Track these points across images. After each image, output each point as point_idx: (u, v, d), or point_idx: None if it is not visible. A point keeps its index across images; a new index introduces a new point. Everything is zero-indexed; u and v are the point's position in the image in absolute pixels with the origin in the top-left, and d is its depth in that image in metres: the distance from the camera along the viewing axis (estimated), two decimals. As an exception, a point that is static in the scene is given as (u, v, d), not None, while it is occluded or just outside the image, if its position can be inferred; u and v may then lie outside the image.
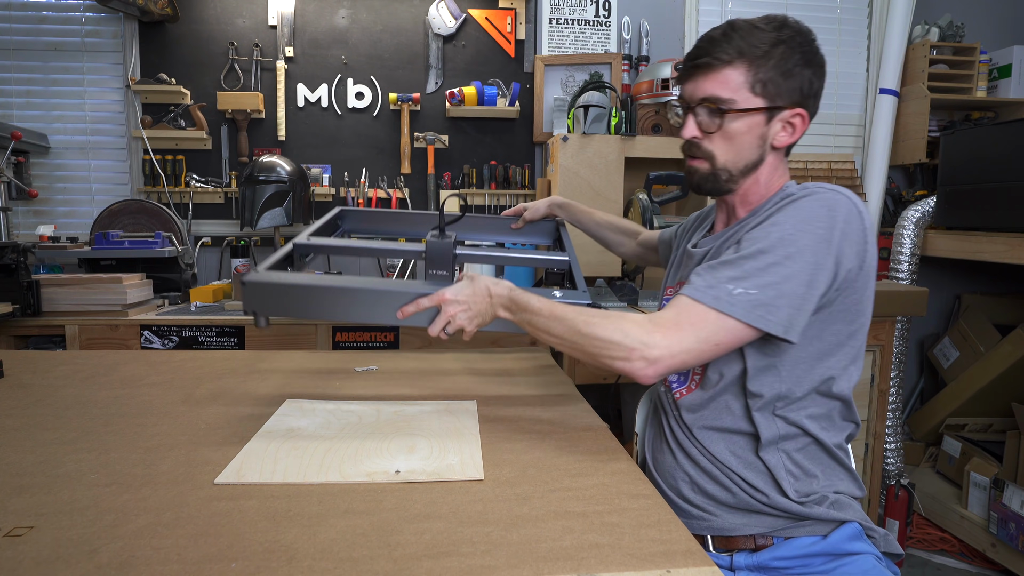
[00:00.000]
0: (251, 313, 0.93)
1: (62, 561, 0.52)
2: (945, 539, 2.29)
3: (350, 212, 1.51)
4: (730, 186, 0.93)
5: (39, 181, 2.48)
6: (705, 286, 0.81)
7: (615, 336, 0.80)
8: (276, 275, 0.95)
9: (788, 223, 0.81)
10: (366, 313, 0.93)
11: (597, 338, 0.81)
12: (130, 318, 1.94)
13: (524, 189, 2.62)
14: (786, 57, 0.85)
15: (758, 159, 0.90)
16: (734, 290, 0.79)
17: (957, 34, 2.68)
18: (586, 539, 0.58)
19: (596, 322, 0.82)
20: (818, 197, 0.83)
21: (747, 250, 0.82)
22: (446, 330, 0.94)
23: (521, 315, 0.91)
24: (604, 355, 0.81)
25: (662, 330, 0.79)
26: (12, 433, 0.85)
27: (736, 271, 0.80)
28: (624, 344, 0.79)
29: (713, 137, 0.90)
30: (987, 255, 2.23)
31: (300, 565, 0.53)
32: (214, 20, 2.48)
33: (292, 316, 0.94)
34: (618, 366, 0.80)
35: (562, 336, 0.85)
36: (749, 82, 0.86)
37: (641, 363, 0.78)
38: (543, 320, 0.87)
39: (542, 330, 0.88)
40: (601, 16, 2.63)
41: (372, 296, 0.93)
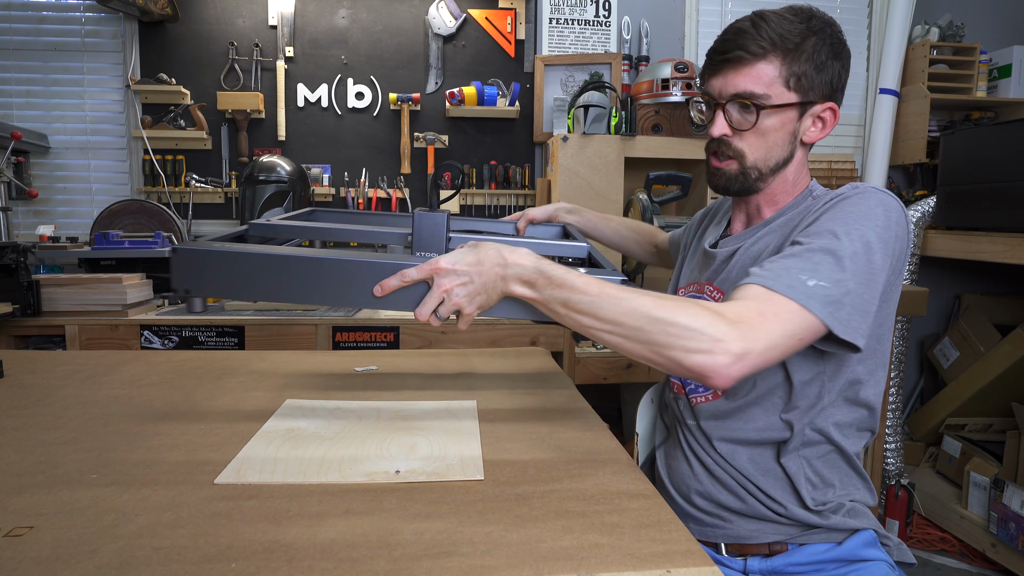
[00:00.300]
0: (181, 292, 0.76)
1: (62, 561, 0.52)
2: (945, 539, 2.29)
3: (323, 212, 1.35)
4: (759, 185, 0.88)
5: (39, 181, 2.48)
6: (777, 274, 0.71)
7: (696, 322, 0.66)
8: (215, 244, 0.78)
9: (849, 222, 0.75)
10: (334, 291, 0.75)
11: (672, 323, 0.66)
12: (130, 318, 1.94)
13: (524, 189, 2.62)
14: (818, 49, 0.82)
15: (788, 156, 0.87)
16: (808, 280, 0.70)
17: (957, 34, 2.68)
18: (586, 539, 0.58)
19: (667, 304, 0.68)
20: (873, 197, 0.78)
21: (811, 244, 0.74)
22: (438, 312, 0.75)
23: (552, 292, 0.72)
24: (678, 346, 0.66)
25: (746, 321, 0.67)
26: (12, 433, 0.85)
27: (805, 263, 0.72)
28: (707, 333, 0.65)
29: (745, 135, 0.85)
30: (987, 255, 2.23)
31: (300, 565, 0.53)
32: (214, 20, 2.48)
33: (237, 296, 0.77)
34: (693, 361, 0.66)
35: (617, 320, 0.69)
36: (784, 76, 0.82)
37: (725, 358, 0.65)
38: (588, 300, 0.70)
39: (586, 312, 0.70)
40: (601, 16, 2.63)
41: (341, 269, 0.74)
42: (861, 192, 0.79)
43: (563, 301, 0.71)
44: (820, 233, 0.75)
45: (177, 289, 0.75)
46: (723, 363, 0.65)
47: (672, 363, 0.68)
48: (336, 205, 2.58)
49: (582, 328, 0.72)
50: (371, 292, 0.74)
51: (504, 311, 0.77)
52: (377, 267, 0.74)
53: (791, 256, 0.74)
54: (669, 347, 0.67)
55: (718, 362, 0.65)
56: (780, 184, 0.89)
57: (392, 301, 0.75)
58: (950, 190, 2.39)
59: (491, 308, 0.77)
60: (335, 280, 0.75)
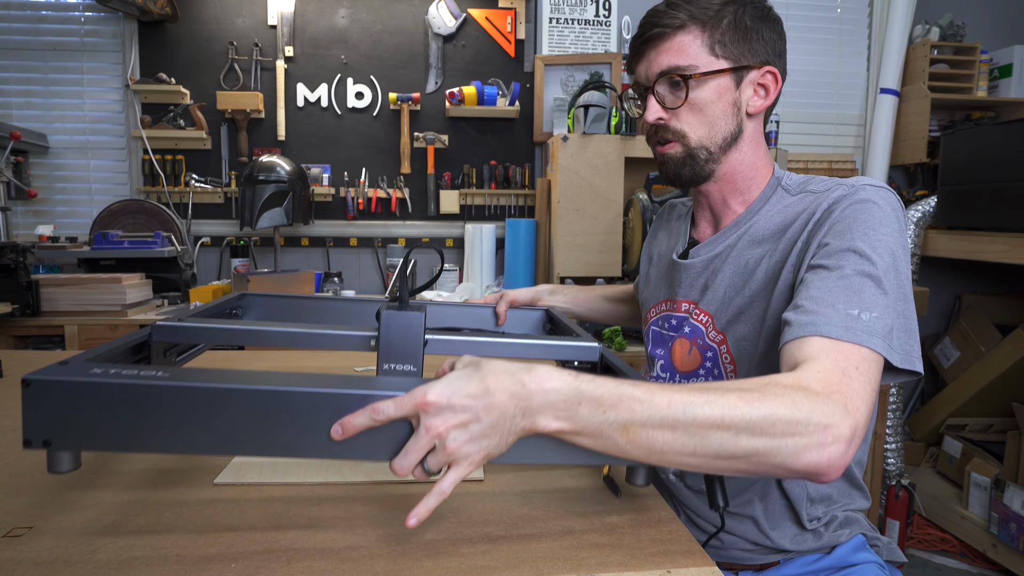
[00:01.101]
0: (37, 444, 0.51)
1: (62, 561, 0.52)
2: (946, 539, 2.29)
3: (255, 299, 1.05)
4: (711, 167, 0.82)
5: (38, 181, 2.48)
6: (828, 317, 0.61)
7: (797, 412, 0.53)
8: (89, 371, 0.53)
9: (869, 233, 0.67)
10: (269, 438, 0.53)
11: (773, 420, 0.52)
12: (129, 318, 1.93)
13: (524, 189, 2.62)
14: (740, 15, 0.78)
15: (735, 130, 0.81)
16: (860, 315, 0.61)
17: (958, 34, 2.68)
18: (586, 539, 0.57)
19: (754, 396, 0.54)
20: (878, 196, 0.70)
21: (843, 269, 0.65)
22: (426, 464, 0.53)
23: (604, 418, 0.53)
24: (785, 449, 0.53)
25: (838, 389, 0.56)
26: (12, 433, 0.85)
27: (846, 294, 0.63)
28: (813, 421, 0.53)
29: (680, 112, 0.80)
30: (987, 255, 2.23)
31: (300, 565, 0.53)
32: (214, 20, 2.48)
33: (122, 449, 0.54)
34: (806, 461, 0.53)
35: (703, 435, 0.53)
36: (707, 44, 0.78)
37: (838, 447, 0.53)
38: (660, 416, 0.53)
39: (655, 434, 0.53)
40: (601, 16, 2.63)
41: (278, 404, 0.52)
42: (863, 193, 0.71)
43: (623, 426, 0.53)
44: (844, 252, 0.67)
45: (31, 440, 0.51)
46: (837, 453, 0.53)
47: (778, 470, 0.55)
48: (336, 205, 2.58)
49: (651, 457, 0.54)
50: (326, 435, 0.52)
51: (523, 455, 0.56)
52: (335, 400, 0.52)
53: (826, 288, 0.64)
54: (774, 453, 0.53)
55: (832, 453, 0.53)
56: (737, 166, 0.83)
57: (357, 447, 0.53)
58: (950, 190, 2.39)
59: (504, 454, 0.55)
60: (270, 422, 0.52)
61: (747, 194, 0.85)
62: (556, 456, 0.56)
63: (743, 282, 0.81)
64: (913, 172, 2.84)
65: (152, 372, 0.53)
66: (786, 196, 0.82)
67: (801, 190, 0.81)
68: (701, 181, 0.84)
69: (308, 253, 2.63)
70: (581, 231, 2.23)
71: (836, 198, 0.73)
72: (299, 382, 0.54)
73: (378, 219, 2.62)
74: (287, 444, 0.53)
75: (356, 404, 0.53)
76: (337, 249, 2.62)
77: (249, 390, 0.52)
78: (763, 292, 0.78)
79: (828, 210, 0.72)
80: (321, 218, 2.59)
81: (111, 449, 0.53)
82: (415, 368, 0.70)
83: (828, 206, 0.73)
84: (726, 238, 0.85)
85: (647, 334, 0.97)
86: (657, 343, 0.94)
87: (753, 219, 0.83)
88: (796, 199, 0.80)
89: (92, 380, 0.51)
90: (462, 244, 2.62)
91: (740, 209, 0.85)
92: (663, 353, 0.92)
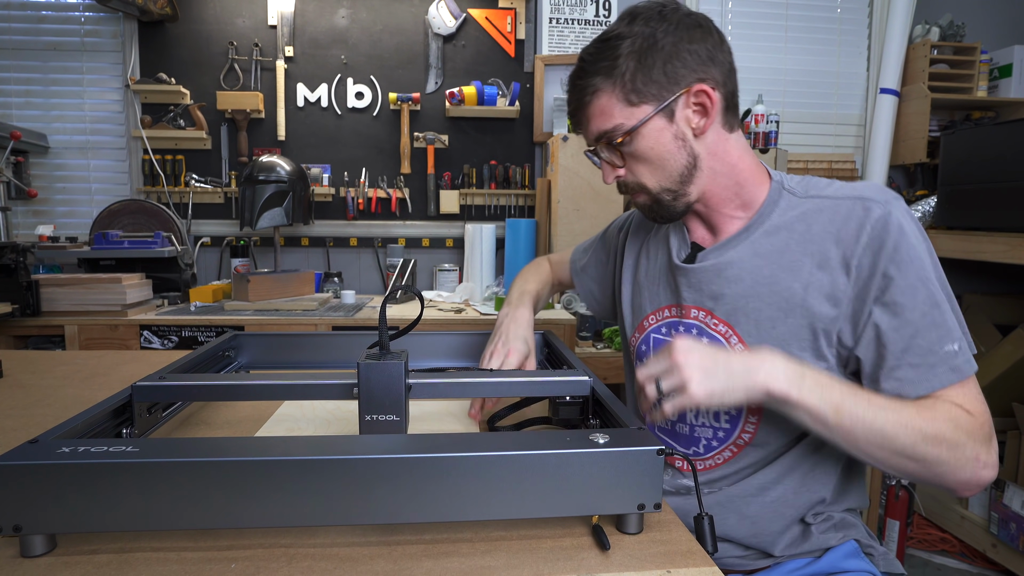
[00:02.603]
0: (8, 531, 0.51)
1: (62, 561, 0.52)
2: (946, 539, 2.29)
3: (248, 339, 1.03)
4: (683, 201, 0.82)
5: (38, 181, 2.48)
6: (934, 364, 0.70)
7: (956, 435, 0.67)
8: (60, 452, 0.52)
9: (922, 254, 0.72)
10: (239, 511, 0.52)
11: (943, 438, 0.67)
12: (130, 318, 1.94)
13: (524, 189, 2.62)
14: (644, 54, 0.75)
15: (690, 160, 0.79)
16: (950, 346, 0.70)
17: (958, 34, 2.68)
18: (586, 539, 0.57)
19: (926, 412, 0.68)
20: (907, 216, 0.74)
21: (917, 306, 0.71)
22: (661, 383, 0.68)
23: (822, 393, 0.67)
24: (952, 461, 0.67)
25: (983, 419, 0.69)
26: (12, 433, 0.85)
27: (932, 331, 0.70)
28: (969, 445, 0.67)
29: (633, 167, 0.81)
30: (988, 255, 2.23)
31: (300, 565, 0.53)
32: (214, 20, 2.48)
33: (102, 528, 0.52)
34: (961, 478, 0.68)
35: (892, 435, 0.67)
36: (623, 98, 0.77)
37: (988, 473, 0.68)
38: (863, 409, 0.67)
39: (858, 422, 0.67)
40: (601, 16, 2.63)
41: (247, 473, 0.51)
42: (900, 218, 0.72)
43: (836, 406, 0.67)
44: (912, 287, 0.71)
45: (1, 527, 0.50)
46: (989, 478, 0.68)
47: (937, 478, 0.68)
48: (336, 205, 2.58)
49: (847, 439, 0.68)
50: (303, 502, 0.52)
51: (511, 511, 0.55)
52: (306, 467, 0.51)
53: (927, 339, 0.70)
54: (940, 463, 0.67)
55: (984, 480, 0.68)
56: (711, 185, 0.81)
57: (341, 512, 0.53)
58: (950, 190, 2.39)
59: (729, 405, 0.68)
60: (244, 493, 0.51)
61: (746, 201, 0.82)
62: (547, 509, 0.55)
63: (770, 294, 0.78)
64: (913, 172, 2.84)
65: (122, 447, 0.53)
66: (794, 199, 0.80)
67: (807, 193, 0.80)
68: (680, 215, 0.84)
69: (308, 253, 2.63)
70: (581, 231, 2.23)
71: (876, 223, 0.72)
72: (271, 450, 0.53)
73: (378, 219, 2.62)
74: (263, 513, 0.52)
75: (328, 469, 0.52)
76: (337, 249, 2.62)
77: (219, 462, 0.51)
78: (800, 309, 0.77)
79: (873, 238, 0.72)
80: (321, 218, 2.59)
81: (85, 530, 0.53)
82: (398, 418, 0.69)
83: (870, 235, 0.73)
84: (736, 244, 0.82)
85: (645, 341, 0.92)
86: None
87: (762, 227, 0.80)
88: (808, 202, 0.79)
89: (60, 462, 0.50)
90: (462, 244, 2.62)
91: (742, 214, 0.83)
92: None
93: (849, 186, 0.78)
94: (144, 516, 0.52)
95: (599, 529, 0.57)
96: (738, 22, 2.74)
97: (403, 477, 0.53)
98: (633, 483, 0.55)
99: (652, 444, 0.56)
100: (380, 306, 0.74)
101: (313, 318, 1.99)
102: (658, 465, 0.55)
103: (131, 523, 0.52)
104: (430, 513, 0.54)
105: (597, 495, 0.55)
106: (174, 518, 0.52)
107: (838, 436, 0.68)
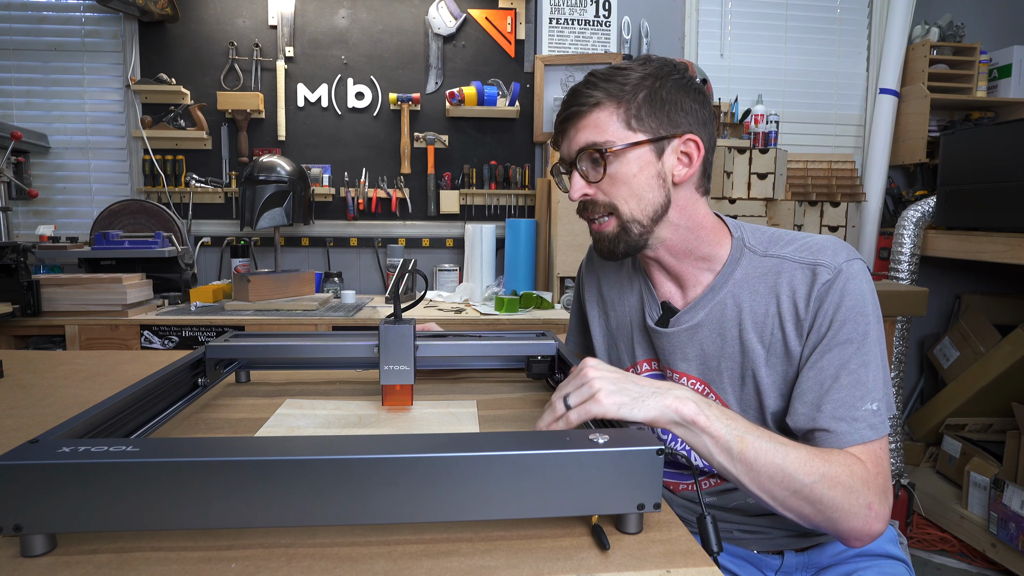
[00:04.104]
0: (8, 530, 0.50)
1: (62, 561, 0.52)
2: (945, 539, 2.29)
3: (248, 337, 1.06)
4: (645, 239, 0.83)
5: (39, 181, 2.48)
6: (855, 419, 0.73)
7: (851, 481, 0.68)
8: (66, 450, 0.52)
9: (865, 315, 0.75)
10: (241, 511, 0.52)
11: (838, 481, 0.68)
12: (130, 318, 1.94)
13: (524, 189, 2.62)
14: (657, 88, 0.79)
15: (664, 201, 0.81)
16: (870, 405, 0.73)
17: (957, 34, 2.68)
18: (586, 539, 0.57)
19: (822, 454, 0.69)
20: (862, 275, 0.77)
21: (850, 359, 0.74)
22: (568, 398, 0.67)
23: (730, 424, 0.67)
24: (843, 506, 0.68)
25: (880, 470, 0.71)
26: (12, 433, 0.85)
27: (855, 389, 0.74)
28: (863, 493, 0.69)
29: (604, 186, 0.81)
30: (987, 255, 2.23)
31: (300, 565, 0.53)
32: (214, 20, 2.48)
33: (109, 528, 0.53)
34: (851, 526, 0.69)
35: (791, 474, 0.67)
36: (623, 119, 0.79)
37: (878, 525, 0.69)
38: (762, 446, 0.67)
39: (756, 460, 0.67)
40: (601, 16, 2.63)
41: (248, 473, 0.51)
42: (851, 275, 0.77)
43: (740, 437, 0.67)
44: (847, 342, 0.75)
45: (2, 527, 0.50)
46: (878, 531, 0.69)
47: (827, 523, 0.69)
48: (336, 205, 2.59)
49: (747, 474, 0.67)
50: (305, 503, 0.52)
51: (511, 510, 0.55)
52: (307, 466, 0.52)
53: (847, 395, 0.73)
54: (833, 508, 0.67)
55: (874, 531, 0.69)
56: (672, 235, 0.84)
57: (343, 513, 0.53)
58: (950, 190, 2.39)
59: (636, 419, 0.66)
60: (245, 493, 0.52)
61: (709, 258, 0.85)
62: (547, 509, 0.55)
63: (738, 354, 0.83)
64: (913, 172, 2.84)
65: (122, 447, 0.53)
66: (755, 258, 0.83)
67: (767, 252, 0.83)
68: (636, 252, 0.85)
69: (308, 253, 2.63)
70: (581, 231, 2.23)
71: (822, 287, 0.77)
72: (271, 450, 0.53)
73: (378, 219, 2.62)
74: (263, 513, 0.52)
75: (328, 469, 0.52)
76: (337, 249, 2.63)
77: (219, 462, 0.51)
78: (764, 368, 0.81)
79: (817, 300, 0.77)
80: (321, 218, 2.59)
81: (85, 530, 0.53)
82: (408, 368, 0.89)
83: (817, 299, 0.77)
84: (704, 306, 0.85)
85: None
86: None
87: (727, 286, 0.83)
88: (768, 261, 0.82)
89: (60, 462, 0.50)
90: (462, 244, 2.63)
91: (707, 275, 0.86)
92: None
93: (808, 247, 0.80)
94: (144, 516, 0.51)
95: (599, 529, 0.57)
96: (738, 22, 2.74)
97: (403, 477, 0.53)
98: (633, 483, 0.55)
99: (652, 444, 0.56)
100: (392, 290, 0.90)
101: (313, 318, 2.00)
102: (658, 465, 0.56)
103: (131, 523, 0.52)
104: (430, 513, 0.54)
105: (597, 495, 0.55)
106: (174, 518, 0.52)
107: (740, 468, 0.67)
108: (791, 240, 0.82)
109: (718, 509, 0.89)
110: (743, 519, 0.89)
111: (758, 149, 2.35)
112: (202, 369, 0.97)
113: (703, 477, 0.89)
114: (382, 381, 0.90)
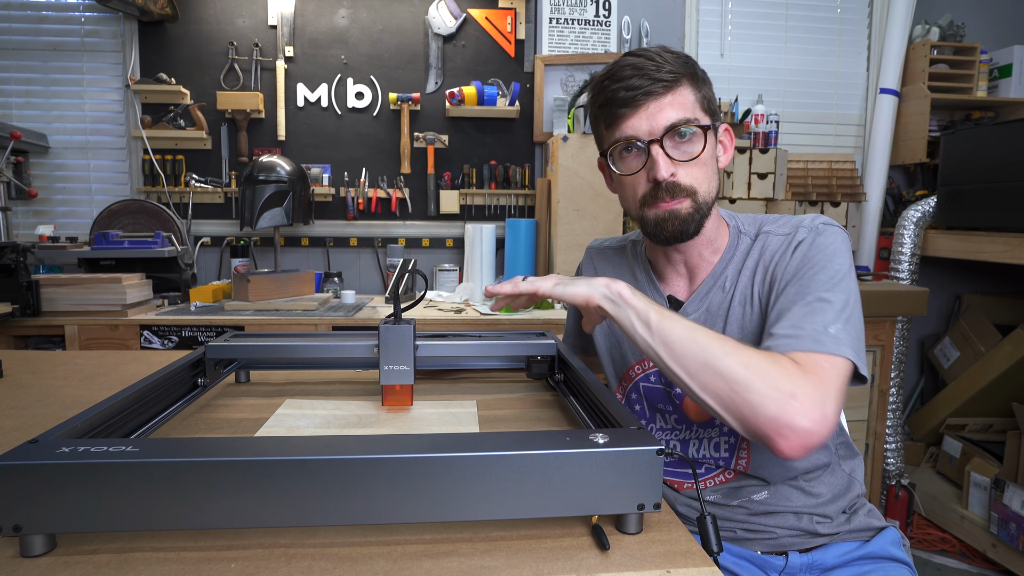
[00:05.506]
0: (8, 530, 0.50)
1: (62, 561, 0.52)
2: (945, 539, 2.29)
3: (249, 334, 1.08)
4: (705, 223, 0.83)
5: (39, 181, 2.48)
6: (801, 332, 0.69)
7: (775, 367, 0.65)
8: (65, 450, 0.52)
9: (831, 260, 0.76)
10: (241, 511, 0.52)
11: (758, 363, 0.65)
12: (130, 318, 1.94)
13: (524, 189, 2.62)
14: (705, 76, 0.83)
15: (719, 186, 0.85)
16: (829, 328, 0.69)
17: (958, 34, 2.68)
18: (586, 539, 0.57)
19: (747, 344, 0.69)
20: (835, 230, 0.80)
21: (812, 293, 0.74)
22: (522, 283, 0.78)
23: (634, 305, 0.71)
24: (760, 388, 0.64)
25: (815, 372, 0.65)
26: (12, 433, 0.85)
27: (818, 314, 0.71)
28: (787, 379, 0.64)
29: (690, 167, 0.79)
30: (987, 255, 2.23)
31: (299, 565, 0.53)
32: (214, 20, 2.48)
33: (109, 528, 0.52)
34: (772, 412, 0.63)
35: (691, 354, 0.67)
36: (699, 99, 0.80)
37: (804, 420, 0.62)
38: (667, 325, 0.69)
39: (663, 337, 0.68)
40: (601, 16, 2.63)
41: (249, 473, 0.51)
42: (822, 231, 0.80)
43: (660, 311, 0.70)
44: (810, 279, 0.75)
45: (1, 527, 0.50)
46: (802, 426, 0.62)
47: (746, 407, 0.64)
48: (336, 205, 2.59)
49: (662, 349, 0.69)
50: (305, 503, 0.52)
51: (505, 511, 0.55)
52: (307, 466, 0.51)
53: (800, 314, 0.72)
54: (748, 389, 0.63)
55: (797, 424, 0.62)
56: (712, 221, 0.85)
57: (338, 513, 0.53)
58: (950, 190, 2.39)
59: (571, 300, 0.75)
60: (245, 493, 0.51)
61: (718, 246, 0.88)
62: (547, 509, 0.55)
63: (738, 330, 0.84)
64: (913, 172, 2.84)
65: (122, 447, 0.53)
66: (748, 240, 0.87)
67: (757, 233, 0.86)
68: (693, 237, 0.84)
69: (308, 253, 2.63)
70: (581, 231, 2.23)
71: (800, 241, 0.80)
72: (271, 450, 0.53)
73: (378, 219, 2.62)
74: (263, 513, 0.52)
75: (328, 469, 0.52)
76: (337, 249, 2.63)
77: (219, 462, 0.51)
78: (745, 327, 0.84)
79: (793, 250, 0.80)
80: (321, 218, 2.59)
81: (85, 530, 0.53)
82: (408, 368, 0.88)
83: (794, 249, 0.80)
84: (709, 292, 0.87)
85: (635, 389, 0.95)
86: (660, 398, 0.93)
87: (726, 270, 0.86)
88: (759, 242, 0.85)
89: (60, 462, 0.50)
90: (462, 244, 2.62)
91: (713, 260, 0.88)
92: (672, 408, 0.92)
93: (791, 222, 0.84)
94: (144, 516, 0.51)
95: (599, 529, 0.57)
96: (738, 22, 2.74)
97: (403, 477, 0.53)
98: (633, 483, 0.55)
99: (652, 444, 0.56)
100: (392, 290, 0.90)
101: (313, 318, 2.00)
102: (658, 465, 0.56)
103: (131, 523, 0.52)
104: (430, 513, 0.54)
105: (597, 495, 0.55)
106: (174, 518, 0.52)
107: (657, 340, 0.69)
108: (777, 219, 0.87)
109: (722, 507, 0.89)
110: (747, 519, 0.88)
111: (758, 149, 2.35)
112: (202, 369, 0.97)
113: (707, 476, 0.89)
114: (382, 381, 0.90)
